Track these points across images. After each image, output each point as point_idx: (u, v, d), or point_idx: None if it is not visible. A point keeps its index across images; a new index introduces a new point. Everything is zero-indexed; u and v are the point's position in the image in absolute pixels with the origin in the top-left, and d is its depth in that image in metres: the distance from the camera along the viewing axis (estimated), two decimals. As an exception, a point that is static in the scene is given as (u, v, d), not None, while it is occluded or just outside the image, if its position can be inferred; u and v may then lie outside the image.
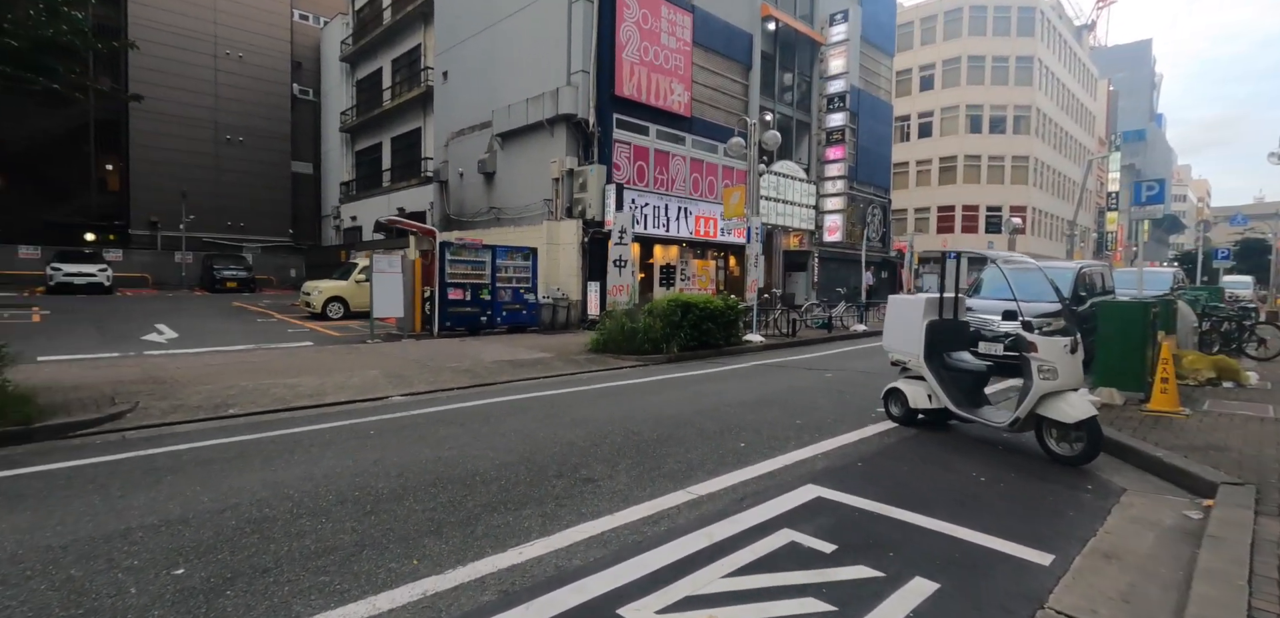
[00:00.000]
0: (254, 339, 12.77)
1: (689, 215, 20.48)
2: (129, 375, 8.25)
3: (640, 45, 19.03)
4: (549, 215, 18.77)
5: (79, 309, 17.76)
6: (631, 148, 18.97)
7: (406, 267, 14.12)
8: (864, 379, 9.58)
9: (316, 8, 44.30)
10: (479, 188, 22.41)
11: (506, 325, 15.57)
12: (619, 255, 14.41)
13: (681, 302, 12.13)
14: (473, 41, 22.89)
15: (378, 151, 34.22)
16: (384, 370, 9.21)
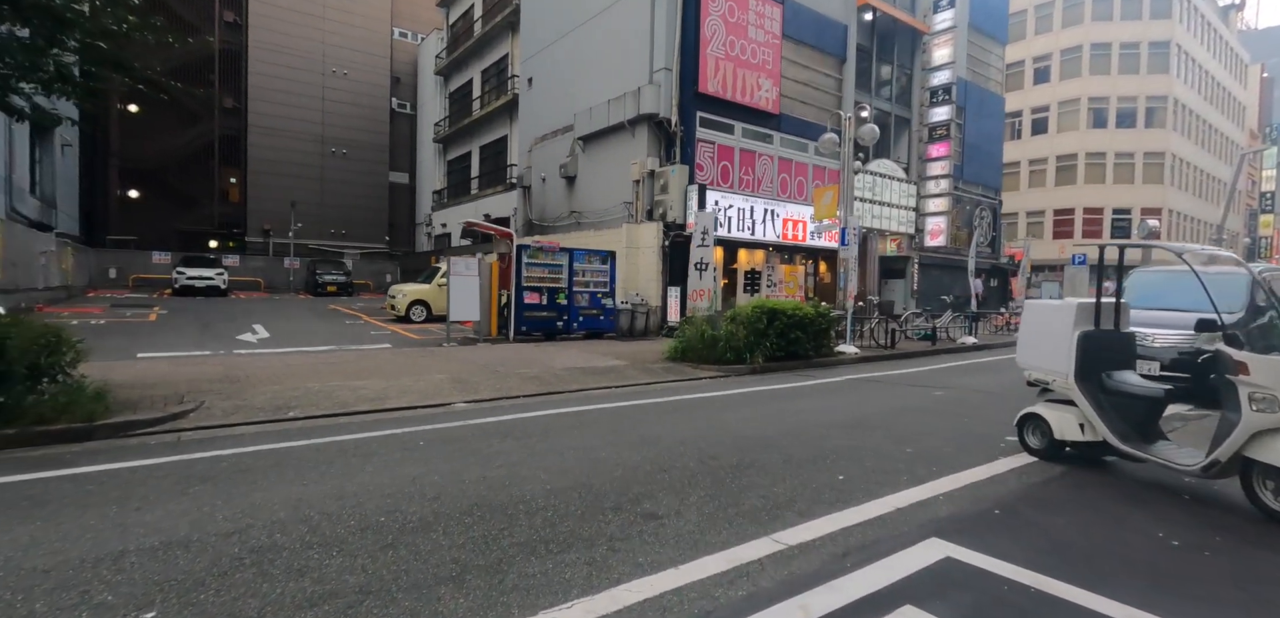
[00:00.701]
0: (337, 340, 12.96)
1: (776, 218, 19.34)
2: (209, 374, 8.31)
3: (726, 40, 18.16)
4: (629, 218, 18.23)
5: (193, 310, 19.00)
6: (715, 147, 18.11)
7: (483, 270, 13.95)
8: (984, 400, 8.26)
9: (415, 25, 46.45)
10: (560, 192, 22.27)
11: (583, 331, 15.11)
12: (700, 259, 13.59)
13: (767, 308, 11.15)
14: (557, 46, 22.83)
15: (467, 160, 35.19)
16: (451, 375, 8.86)
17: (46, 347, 5.56)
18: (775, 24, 19.40)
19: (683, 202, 17.20)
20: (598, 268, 15.54)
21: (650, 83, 17.84)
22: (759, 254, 19.87)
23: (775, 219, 19.32)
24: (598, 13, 20.47)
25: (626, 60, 18.93)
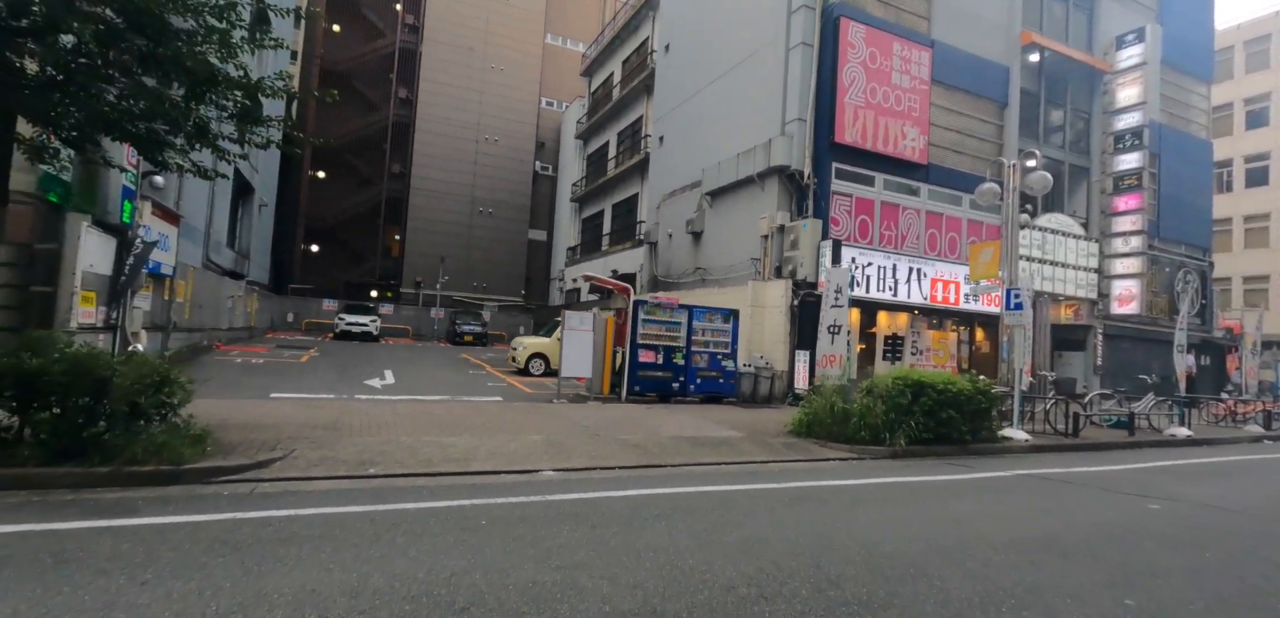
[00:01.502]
0: (453, 391, 13.03)
1: (923, 277, 17.26)
2: (320, 419, 8.37)
3: (866, 87, 16.81)
4: (755, 275, 17.12)
5: (342, 354, 20.51)
6: (852, 200, 16.62)
7: (597, 325, 13.51)
8: (1226, 522, 6.11)
9: (559, 95, 49.39)
10: (686, 248, 21.71)
11: (700, 394, 14.09)
12: (833, 321, 12.15)
13: (912, 380, 9.49)
14: (687, 104, 22.70)
15: (600, 217, 36.11)
16: (548, 437, 8.25)
17: (151, 386, 5.63)
18: (923, 69, 17.73)
19: (814, 258, 15.82)
20: (719, 327, 14.56)
21: (782, 134, 16.88)
22: (902, 318, 17.80)
23: (922, 279, 17.24)
24: (729, 69, 20.05)
25: (757, 113, 18.17)
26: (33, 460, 4.97)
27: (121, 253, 11.28)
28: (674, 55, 24.56)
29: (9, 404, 5.21)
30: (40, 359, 5.13)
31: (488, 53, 45.33)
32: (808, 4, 16.90)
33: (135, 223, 11.61)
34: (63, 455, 5.09)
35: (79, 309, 9.81)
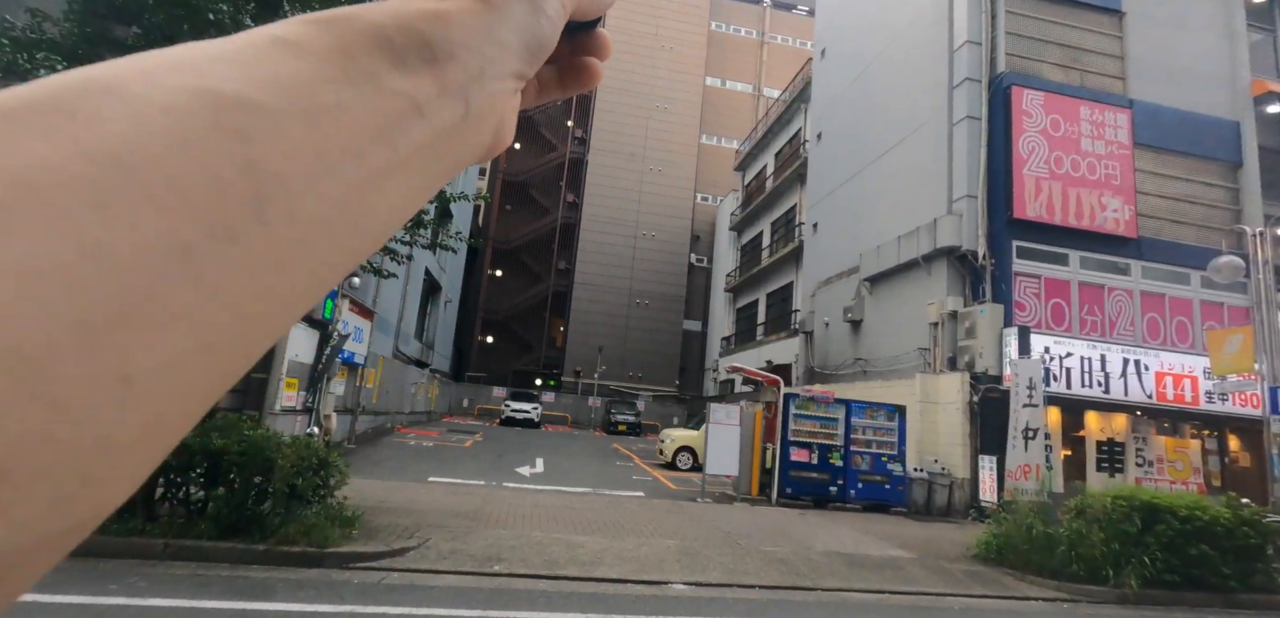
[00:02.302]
0: (597, 483, 12.90)
1: (1144, 370, 14.28)
2: (464, 506, 8.56)
3: (1049, 156, 14.87)
4: (924, 367, 15.33)
5: (502, 440, 21.60)
6: (1041, 281, 14.45)
7: (745, 419, 12.75)
8: None
9: (714, 190, 50.49)
10: (845, 338, 20.27)
11: (862, 501, 12.58)
12: (1026, 422, 10.31)
13: (1142, 500, 7.54)
14: (841, 190, 21.81)
15: (754, 307, 35.49)
16: (684, 542, 7.64)
17: (310, 469, 6.04)
18: (1122, 131, 15.36)
19: (996, 348, 13.81)
20: (882, 425, 13.07)
21: (949, 213, 15.35)
22: (1118, 420, 14.75)
23: (1143, 372, 14.27)
24: (885, 151, 19.00)
25: (918, 192, 16.81)
26: (207, 534, 5.46)
27: (321, 344, 12.91)
28: (827, 143, 23.97)
29: (199, 480, 5.85)
30: (224, 439, 5.72)
31: (647, 156, 47.97)
32: (972, 76, 15.60)
33: (335, 317, 13.30)
34: (231, 530, 5.54)
35: (283, 393, 11.24)
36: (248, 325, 0.18)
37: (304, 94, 0.19)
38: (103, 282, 0.14)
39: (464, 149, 0.25)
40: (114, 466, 0.15)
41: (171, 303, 0.15)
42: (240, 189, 0.17)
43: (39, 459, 0.13)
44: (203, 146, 0.16)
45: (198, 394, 0.17)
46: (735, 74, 52.12)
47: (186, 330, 0.16)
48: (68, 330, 0.14)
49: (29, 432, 0.13)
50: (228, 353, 0.17)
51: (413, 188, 0.23)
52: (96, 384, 0.14)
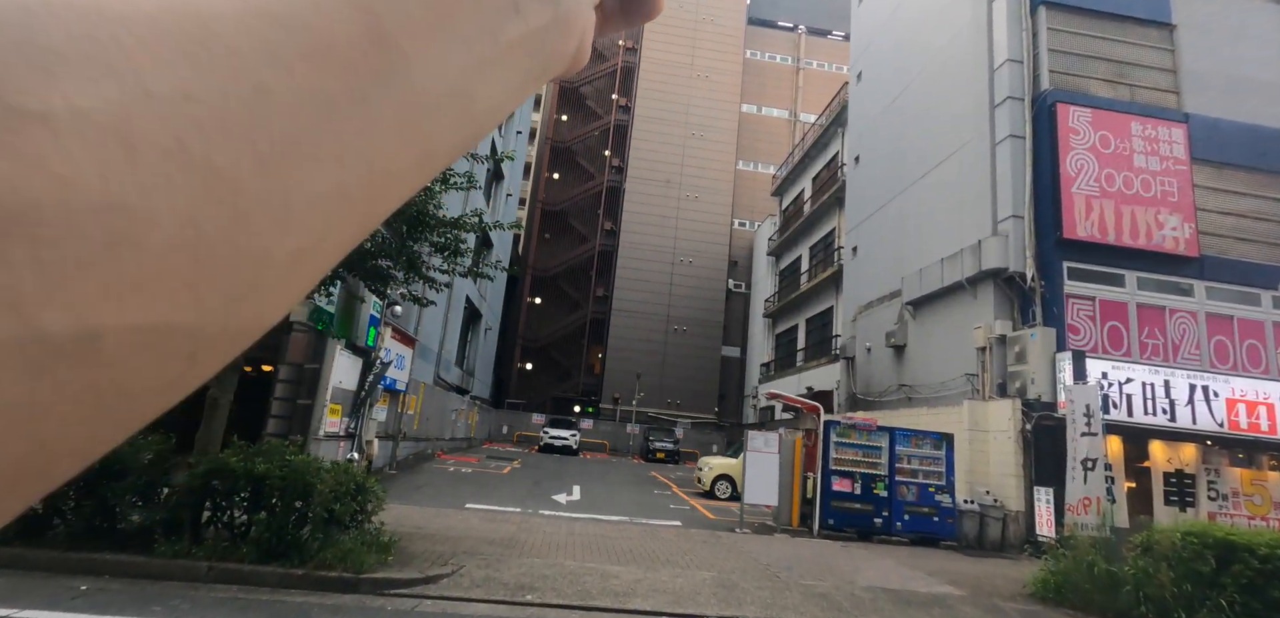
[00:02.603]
0: (634, 512, 12.76)
1: (1214, 397, 13.43)
2: (499, 534, 8.56)
3: (1100, 174, 14.31)
4: (972, 394, 14.77)
5: (540, 467, 21.64)
6: (1095, 303, 13.82)
7: (784, 448, 12.47)
8: None
9: (751, 215, 50.30)
10: (887, 363, 19.74)
11: (908, 533, 12.10)
12: (1087, 452, 9.78)
13: (1217, 538, 7.02)
14: (881, 213, 21.43)
15: (794, 333, 34.97)
16: (720, 574, 7.45)
17: (348, 494, 6.13)
18: (1178, 147, 14.69)
19: (1050, 373, 13.21)
20: (929, 454, 12.61)
21: (994, 234, 14.87)
22: (1187, 449, 13.87)
23: (1212, 398, 13.42)
24: (925, 173, 18.62)
25: (961, 214, 16.37)
26: (249, 558, 5.57)
27: (364, 371, 13.23)
28: (865, 166, 23.65)
29: (243, 504, 5.99)
30: (267, 464, 5.86)
31: (684, 183, 48.18)
32: (1014, 94, 15.21)
33: (378, 345, 13.63)
34: (271, 554, 5.65)
35: (327, 419, 11.52)
36: (375, 181, 0.21)
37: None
38: (269, 119, 0.17)
39: (552, 55, 0.28)
40: (272, 281, 0.18)
41: (319, 147, 0.18)
42: (372, 58, 0.20)
43: (223, 256, 0.17)
44: (345, 18, 0.19)
45: (335, 235, 0.20)
46: (771, 100, 52.11)
47: (329, 173, 0.19)
48: (246, 155, 0.17)
49: (218, 232, 0.16)
50: (360, 202, 0.20)
51: (510, 84, 0.26)
52: (265, 205, 0.17)
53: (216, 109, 0.16)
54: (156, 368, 0.16)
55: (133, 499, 6.01)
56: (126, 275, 0.15)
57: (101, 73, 0.14)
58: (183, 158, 0.16)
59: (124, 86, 0.15)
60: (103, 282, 0.14)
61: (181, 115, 0.16)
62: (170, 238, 0.15)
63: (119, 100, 0.15)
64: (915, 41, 20.43)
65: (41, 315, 0.14)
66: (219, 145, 0.16)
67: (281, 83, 0.18)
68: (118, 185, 0.14)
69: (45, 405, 0.14)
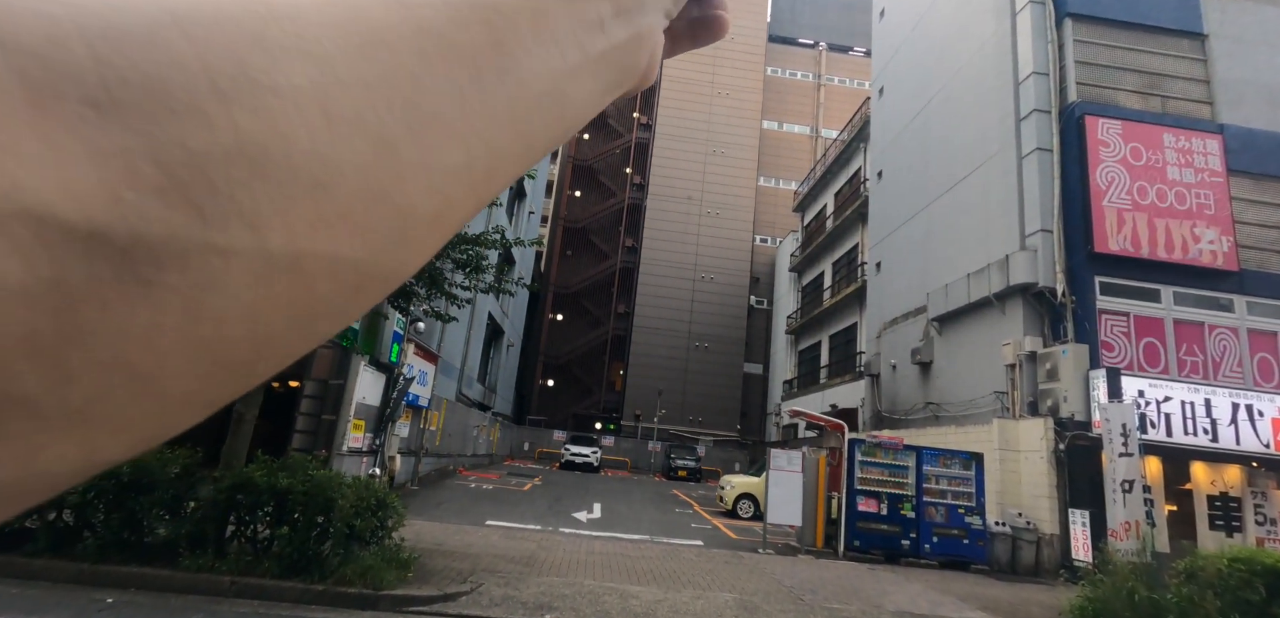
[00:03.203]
0: (655, 530, 12.63)
1: (1258, 416, 12.92)
2: (519, 551, 8.51)
3: (1132, 187, 13.96)
4: (1002, 412, 14.40)
5: (562, 483, 21.58)
6: (1130, 319, 13.42)
7: (808, 467, 12.25)
8: None
9: (773, 231, 50.08)
10: (913, 381, 19.38)
11: (937, 556, 11.76)
12: (1125, 474, 9.44)
13: (1267, 564, 6.70)
14: (905, 228, 21.15)
15: (817, 349, 34.58)
16: (742, 596, 7.30)
17: (368, 510, 6.14)
18: (1214, 158, 14.29)
19: (1083, 391, 12.83)
20: (958, 474, 12.29)
21: (1022, 249, 14.57)
22: (1231, 471, 13.33)
23: (1257, 418, 12.91)
24: (950, 187, 18.35)
25: (987, 228, 16.08)
26: (271, 572, 5.60)
27: (387, 388, 13.35)
28: (888, 181, 23.40)
29: (266, 518, 6.04)
30: (290, 479, 5.91)
31: (705, 200, 48.18)
32: (1040, 107, 14.96)
33: (401, 362, 13.75)
34: (292, 569, 5.67)
35: (350, 435, 11.62)
36: (491, 160, 0.25)
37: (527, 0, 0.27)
38: (419, 101, 0.22)
39: (629, 68, 0.32)
40: (416, 234, 0.23)
41: (452, 126, 0.23)
42: (492, 58, 0.25)
43: (385, 207, 0.22)
44: (470, 25, 0.24)
45: (461, 202, 0.25)
46: (792, 116, 51.99)
47: (459, 148, 0.24)
48: (402, 127, 0.22)
49: (383, 187, 0.21)
50: (479, 176, 0.25)
51: (594, 90, 0.30)
52: (414, 168, 0.22)
53: (383, 91, 0.21)
54: (334, 292, 0.21)
55: (159, 512, 6.09)
56: (322, 212, 0.19)
57: (308, 60, 0.19)
58: (361, 126, 0.20)
59: (323, 71, 0.20)
60: (307, 215, 0.19)
61: (360, 94, 0.21)
62: (352, 187, 0.20)
63: (320, 80, 0.20)
64: (938, 56, 20.25)
65: (269, 235, 0.18)
66: (385, 118, 0.21)
67: (428, 73, 0.23)
68: (320, 143, 0.19)
69: (263, 309, 0.19)
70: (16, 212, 0.14)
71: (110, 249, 0.15)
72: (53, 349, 0.15)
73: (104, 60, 0.16)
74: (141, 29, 0.17)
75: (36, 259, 0.15)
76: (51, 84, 0.15)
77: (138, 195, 0.16)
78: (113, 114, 0.16)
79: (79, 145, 0.15)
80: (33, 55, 0.15)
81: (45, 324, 0.15)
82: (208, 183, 0.17)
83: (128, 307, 0.16)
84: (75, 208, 0.15)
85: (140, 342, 0.16)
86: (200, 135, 0.17)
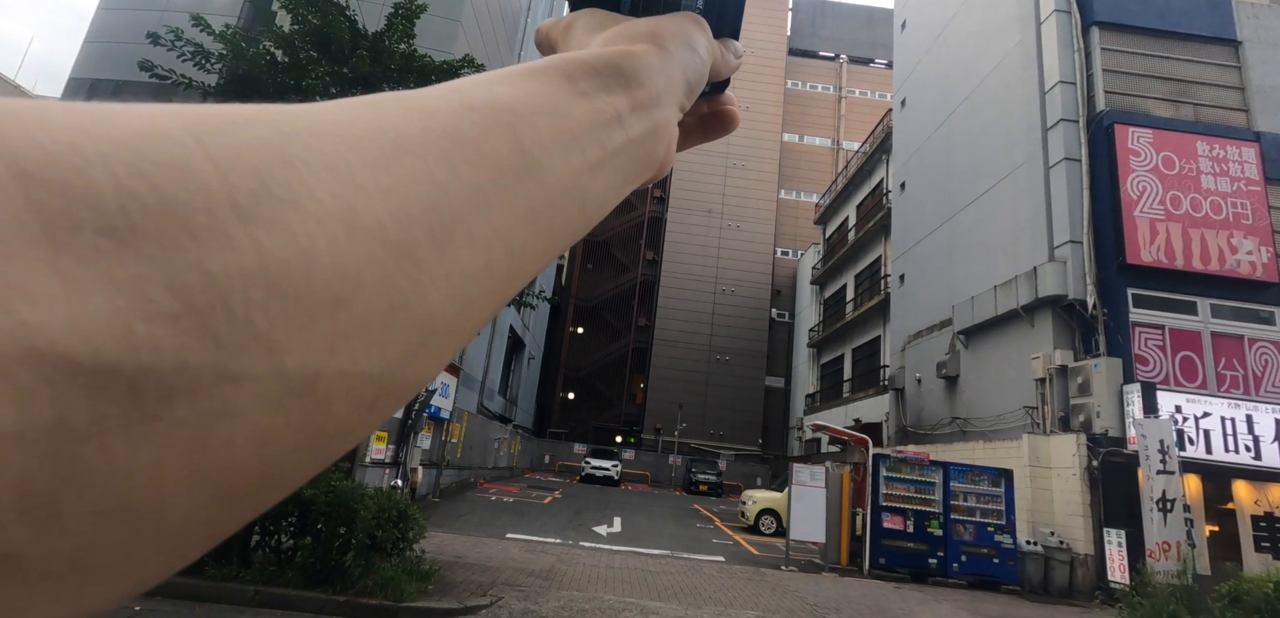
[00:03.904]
0: (675, 546, 12.51)
1: (1304, 435, 12.44)
2: (539, 565, 8.48)
3: (1164, 196, 13.61)
4: (1032, 427, 14.04)
5: (583, 496, 21.53)
6: (1165, 332, 13.04)
7: (831, 482, 12.06)
8: None
9: (794, 244, 49.78)
10: (939, 395, 19.02)
11: (966, 575, 11.46)
12: (1163, 492, 9.16)
13: (1310, 590, 6.41)
14: (929, 240, 20.87)
15: (840, 363, 34.18)
16: (764, 615, 7.18)
17: (390, 521, 6.17)
18: (1250, 167, 13.89)
19: (1117, 406, 12.46)
20: (986, 491, 12.00)
21: (1051, 260, 14.27)
22: (1276, 491, 12.80)
23: (1303, 437, 12.43)
24: (975, 199, 18.08)
25: (1015, 239, 15.79)
26: (294, 583, 5.64)
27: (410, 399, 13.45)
28: (911, 193, 23.14)
29: (290, 529, 6.09)
30: (313, 490, 5.96)
31: (725, 212, 48.11)
32: (1068, 117, 14.70)
33: (423, 375, 13.83)
34: (315, 580, 5.70)
35: (373, 446, 11.73)
36: (511, 261, 0.25)
37: (547, 101, 0.28)
38: (441, 206, 0.22)
39: (646, 159, 0.33)
40: (435, 342, 0.22)
41: (473, 230, 0.23)
42: (513, 161, 0.25)
43: (404, 317, 0.21)
44: (492, 129, 0.25)
45: (480, 305, 0.24)
46: (813, 129, 51.78)
47: (480, 251, 0.23)
48: (423, 234, 0.21)
49: (402, 296, 0.21)
50: (500, 278, 0.25)
51: (614, 183, 0.31)
52: (434, 275, 0.22)
53: (404, 198, 0.21)
54: (349, 410, 0.20)
55: (187, 522, 6.18)
56: (340, 328, 0.19)
57: (331, 172, 0.19)
58: (382, 235, 0.20)
59: (345, 181, 0.20)
60: (325, 333, 0.18)
61: (382, 202, 0.20)
62: (372, 300, 0.20)
63: (341, 191, 0.19)
64: (961, 67, 20.03)
65: (286, 357, 0.17)
66: (406, 226, 0.21)
67: (450, 179, 0.23)
68: (342, 256, 0.19)
69: (277, 432, 0.18)
70: (21, 353, 0.14)
71: (118, 385, 0.15)
72: (45, 497, 0.14)
73: (126, 187, 0.16)
74: (165, 152, 0.17)
75: (37, 401, 0.14)
76: (70, 215, 0.15)
77: (151, 326, 0.15)
78: (130, 242, 0.15)
79: (93, 278, 0.15)
80: (54, 187, 0.15)
81: (39, 470, 0.14)
82: (225, 307, 0.16)
83: (131, 446, 0.15)
84: (83, 345, 0.14)
85: (141, 481, 0.15)
86: (220, 257, 0.16)
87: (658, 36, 0.35)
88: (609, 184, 0.30)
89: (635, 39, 0.35)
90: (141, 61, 6.73)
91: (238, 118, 0.19)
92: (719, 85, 0.43)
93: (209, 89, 6.88)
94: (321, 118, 0.21)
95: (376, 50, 7.12)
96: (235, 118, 0.19)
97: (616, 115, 0.30)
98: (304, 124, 0.20)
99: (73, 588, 0.15)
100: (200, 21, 6.86)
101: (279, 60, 6.76)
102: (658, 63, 0.34)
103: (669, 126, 0.34)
